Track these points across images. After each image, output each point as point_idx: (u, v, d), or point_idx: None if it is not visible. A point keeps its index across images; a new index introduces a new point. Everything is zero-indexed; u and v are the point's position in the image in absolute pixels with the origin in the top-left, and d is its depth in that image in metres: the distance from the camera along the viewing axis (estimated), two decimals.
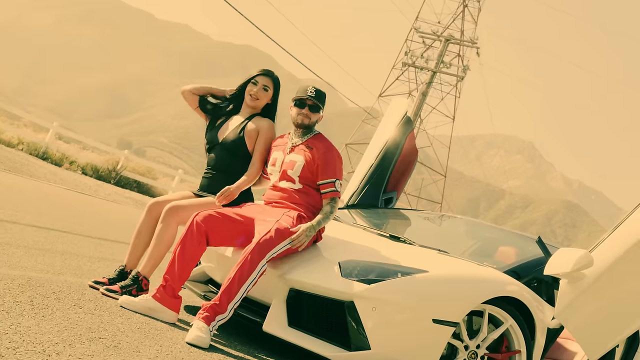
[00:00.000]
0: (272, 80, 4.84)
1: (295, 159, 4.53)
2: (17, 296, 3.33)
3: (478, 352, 4.22)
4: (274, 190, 4.60)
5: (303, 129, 4.60)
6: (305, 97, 4.56)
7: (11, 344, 2.55)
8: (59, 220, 7.46)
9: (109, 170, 22.42)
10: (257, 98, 4.78)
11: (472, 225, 6.37)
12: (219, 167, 4.76)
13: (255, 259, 3.97)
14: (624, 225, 4.38)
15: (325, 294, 4.02)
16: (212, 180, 4.74)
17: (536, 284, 4.76)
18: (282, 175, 4.56)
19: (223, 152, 4.75)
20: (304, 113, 4.55)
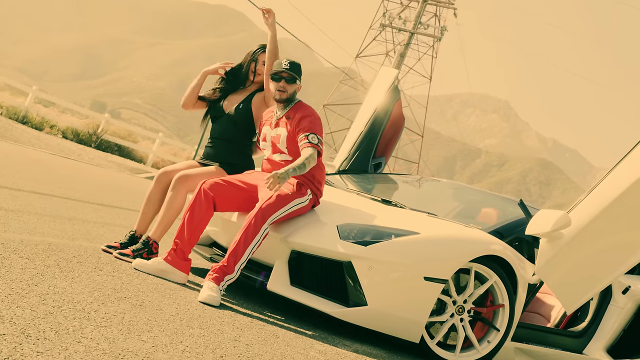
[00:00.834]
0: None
1: (279, 132, 4.80)
2: (45, 260, 3.61)
3: (465, 307, 4.58)
4: (269, 164, 4.88)
5: (283, 102, 4.83)
6: (281, 70, 4.75)
7: (55, 303, 2.84)
8: (56, 186, 7.69)
9: (89, 134, 22.47)
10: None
11: (456, 188, 6.72)
12: (224, 137, 5.02)
13: (259, 223, 4.28)
14: (599, 187, 4.72)
15: (325, 255, 4.35)
16: (216, 149, 5.01)
17: (518, 243, 5.11)
18: (273, 149, 4.85)
19: (229, 123, 5.01)
20: (281, 86, 4.74)
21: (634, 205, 4.68)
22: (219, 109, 5.04)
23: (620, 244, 4.81)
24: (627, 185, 4.59)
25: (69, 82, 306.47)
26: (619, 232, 4.79)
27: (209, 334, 3.24)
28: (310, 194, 4.67)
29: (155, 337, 2.85)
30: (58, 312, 2.72)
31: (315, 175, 4.77)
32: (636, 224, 4.82)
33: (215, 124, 5.09)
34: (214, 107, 5.08)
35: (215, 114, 5.07)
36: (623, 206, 4.63)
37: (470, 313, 4.62)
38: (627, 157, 4.71)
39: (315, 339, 3.94)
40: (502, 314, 4.69)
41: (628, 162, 4.71)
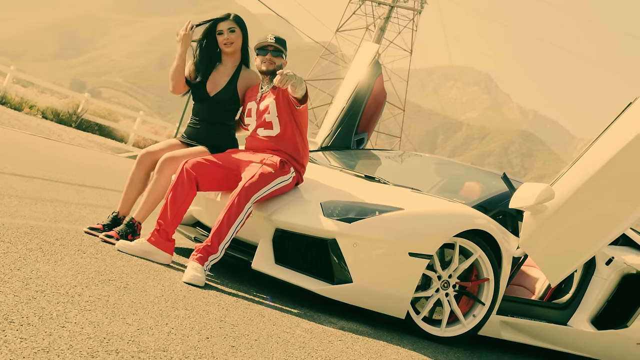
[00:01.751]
0: (233, 21, 4.93)
1: (267, 102, 4.77)
2: (27, 244, 3.57)
3: (450, 281, 4.59)
4: (254, 140, 4.85)
5: (270, 75, 4.80)
6: (267, 44, 4.78)
7: (38, 287, 2.81)
8: (37, 168, 7.62)
9: (69, 113, 22.26)
10: (231, 42, 4.90)
11: (439, 163, 6.72)
12: (208, 119, 4.94)
13: (242, 202, 4.25)
14: (582, 159, 4.73)
15: (309, 232, 4.33)
16: (199, 130, 4.94)
17: (502, 217, 5.12)
18: (259, 124, 4.80)
19: (214, 106, 4.92)
20: (267, 59, 4.77)
21: (616, 177, 4.70)
22: (203, 91, 4.92)
23: (604, 216, 4.84)
24: (609, 157, 4.61)
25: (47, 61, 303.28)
26: (602, 204, 4.81)
27: (195, 315, 3.22)
28: (293, 172, 4.65)
29: (140, 320, 2.83)
30: (41, 296, 2.70)
31: (300, 150, 4.75)
32: (619, 196, 4.84)
33: (199, 105, 4.98)
34: (197, 88, 4.96)
35: (200, 95, 4.95)
36: (606, 178, 4.65)
37: (456, 288, 4.64)
38: (609, 129, 4.72)
39: (301, 317, 3.94)
40: (487, 287, 4.71)
41: (610, 134, 4.72)
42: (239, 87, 4.94)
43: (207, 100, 4.93)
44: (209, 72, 4.94)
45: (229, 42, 4.89)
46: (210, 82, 4.93)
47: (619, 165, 4.61)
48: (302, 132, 4.81)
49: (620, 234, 4.87)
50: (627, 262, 5.64)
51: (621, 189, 4.81)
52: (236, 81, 4.95)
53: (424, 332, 4.50)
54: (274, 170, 4.50)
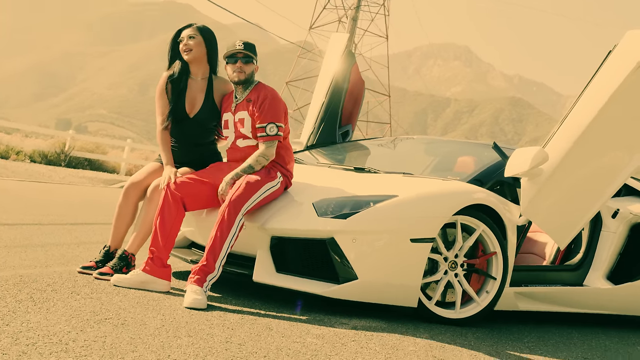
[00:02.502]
0: (195, 28, 4.76)
1: (242, 116, 4.61)
2: (16, 295, 3.44)
3: (457, 261, 4.47)
4: (235, 151, 4.71)
5: (242, 84, 4.64)
6: (236, 51, 4.58)
7: (29, 340, 2.68)
8: (26, 214, 7.49)
9: (57, 153, 22.12)
10: (190, 49, 4.70)
11: (428, 142, 6.58)
12: (190, 141, 4.78)
13: (232, 215, 4.13)
14: (570, 116, 4.61)
15: (306, 235, 4.21)
16: (183, 153, 4.74)
17: (499, 187, 5.00)
18: (237, 135, 4.66)
19: (195, 127, 4.74)
20: (237, 67, 4.57)
21: (608, 128, 4.59)
22: (182, 111, 4.72)
23: (602, 169, 4.73)
24: (597, 109, 4.50)
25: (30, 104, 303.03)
26: (598, 157, 4.70)
27: (199, 340, 3.10)
28: (280, 177, 4.52)
29: (141, 356, 2.70)
30: (32, 350, 2.57)
31: (283, 156, 4.62)
32: (614, 146, 4.73)
33: (178, 126, 4.76)
34: (176, 110, 4.73)
35: (179, 117, 4.73)
36: (597, 130, 4.54)
37: (464, 267, 4.52)
38: (593, 81, 4.61)
39: (310, 324, 3.82)
40: (496, 261, 4.59)
41: (594, 86, 4.61)
42: (216, 100, 4.78)
43: (187, 121, 4.73)
44: (184, 90, 4.75)
45: (187, 48, 4.71)
46: (187, 101, 4.73)
47: (609, 115, 4.50)
48: (284, 137, 4.68)
49: (621, 185, 4.77)
50: (634, 211, 5.53)
51: (615, 139, 4.71)
52: (212, 95, 4.77)
53: (439, 317, 4.38)
54: (260, 178, 4.37)
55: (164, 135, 4.74)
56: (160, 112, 4.74)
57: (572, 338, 4.87)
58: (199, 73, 4.79)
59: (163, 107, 4.75)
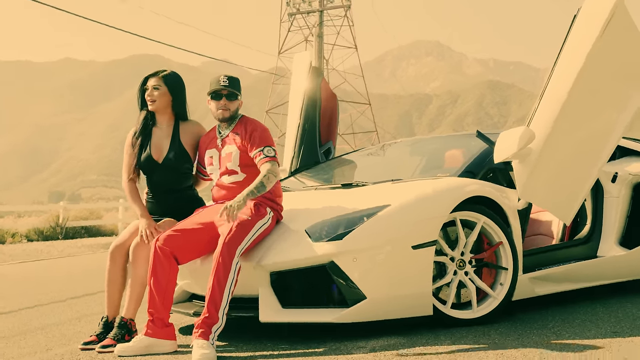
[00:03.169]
0: (160, 78, 4.64)
1: (229, 150, 4.48)
2: None
3: (464, 259, 4.32)
4: (221, 189, 4.56)
5: (227, 121, 4.54)
6: (220, 88, 4.47)
7: None
8: (24, 298, 7.31)
9: (52, 227, 21.94)
10: (153, 100, 4.60)
11: (412, 144, 6.43)
12: (165, 189, 4.64)
13: (227, 260, 3.96)
14: (549, 89, 4.49)
15: (305, 264, 4.04)
16: (159, 203, 4.63)
17: (492, 175, 4.86)
18: (223, 171, 4.52)
19: (167, 173, 4.60)
20: (222, 105, 4.46)
21: (588, 93, 4.46)
22: (150, 160, 4.61)
23: (592, 134, 4.60)
24: (574, 76, 4.38)
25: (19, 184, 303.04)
26: (585, 123, 4.57)
27: None
28: (270, 212, 4.36)
29: None
30: None
31: (271, 190, 4.46)
32: (598, 109, 4.61)
33: (150, 176, 4.65)
34: (144, 160, 4.63)
35: (149, 166, 4.61)
36: (578, 97, 4.41)
37: (472, 263, 4.36)
38: (564, 48, 4.49)
39: (328, 355, 3.65)
40: (504, 251, 4.44)
41: (566, 53, 4.49)
42: (184, 142, 4.65)
43: (158, 167, 4.61)
44: (148, 138, 4.64)
45: (152, 99, 4.60)
46: (153, 148, 4.62)
47: (586, 80, 4.38)
48: None
49: (614, 147, 4.64)
50: (632, 172, 5.40)
51: (598, 102, 4.58)
52: (178, 138, 4.64)
53: (458, 319, 4.22)
54: (251, 217, 4.20)
55: (131, 186, 4.65)
56: (127, 165, 4.66)
57: (597, 313, 4.71)
58: (164, 120, 4.67)
59: (129, 160, 4.66)
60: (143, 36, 24.03)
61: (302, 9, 44.04)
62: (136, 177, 4.70)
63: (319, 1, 42.70)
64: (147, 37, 23.78)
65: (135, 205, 4.57)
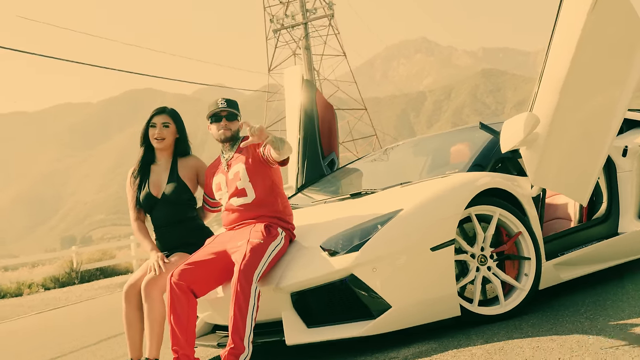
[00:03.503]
0: (168, 115, 4.67)
1: (236, 169, 4.44)
2: None
3: (485, 254, 4.23)
4: (231, 213, 4.49)
5: (229, 142, 4.51)
6: (219, 110, 4.46)
7: None
8: (46, 350, 7.24)
9: (67, 273, 21.90)
10: (162, 138, 4.63)
11: (415, 144, 6.34)
12: (169, 222, 4.61)
13: (245, 287, 3.87)
14: (546, 72, 4.40)
15: (324, 281, 3.96)
16: (167, 237, 4.60)
17: (501, 165, 4.78)
18: (232, 193, 4.45)
19: (167, 206, 4.59)
20: (223, 126, 4.46)
21: (587, 70, 4.37)
22: (150, 197, 4.61)
23: (597, 111, 4.51)
24: (570, 55, 4.29)
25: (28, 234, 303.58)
26: (589, 101, 4.48)
27: None
28: (282, 232, 4.28)
29: None
30: None
31: (281, 210, 4.39)
32: (600, 85, 4.52)
33: (153, 212, 4.65)
34: (144, 198, 4.62)
35: (149, 203, 4.62)
36: (578, 75, 4.32)
37: (494, 257, 4.27)
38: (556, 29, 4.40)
39: None
40: (524, 240, 4.35)
41: (559, 33, 4.40)
42: (182, 175, 4.63)
43: (158, 203, 4.60)
44: (146, 177, 4.65)
45: (161, 137, 4.59)
46: (152, 185, 4.63)
47: (584, 57, 4.29)
48: (279, 189, 4.46)
49: (621, 120, 4.55)
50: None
51: (598, 78, 4.49)
52: (176, 171, 4.64)
53: (487, 316, 4.12)
54: (263, 240, 4.12)
55: (138, 224, 4.70)
56: (131, 204, 4.70)
57: (628, 291, 4.60)
58: (163, 157, 4.69)
59: (132, 199, 4.70)
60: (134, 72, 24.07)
61: (286, 24, 44.10)
62: (143, 215, 4.68)
63: (302, 14, 42.74)
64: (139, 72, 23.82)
65: (144, 242, 4.58)
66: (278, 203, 4.41)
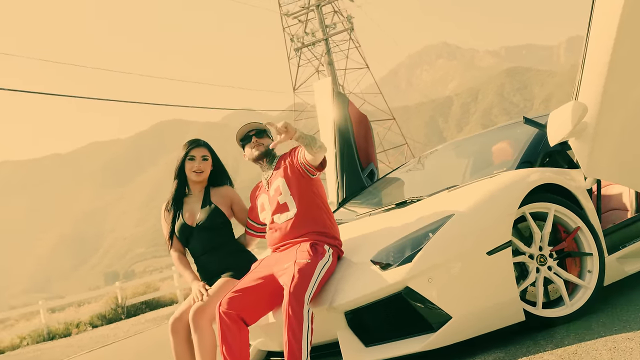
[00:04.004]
0: (205, 147, 4.64)
1: (276, 184, 4.34)
2: None
3: (544, 254, 4.03)
4: (274, 231, 4.35)
5: (265, 158, 4.42)
6: (247, 131, 4.45)
7: None
8: None
9: (113, 309, 21.96)
10: (201, 171, 4.57)
11: (455, 147, 6.14)
12: (206, 249, 4.51)
13: (297, 310, 3.71)
14: (589, 56, 4.20)
15: (379, 296, 3.78)
16: (208, 264, 4.50)
17: (549, 159, 4.58)
18: (274, 210, 4.33)
19: (203, 233, 4.50)
20: (254, 143, 4.42)
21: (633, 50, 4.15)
22: (186, 227, 4.52)
23: None
24: (613, 38, 4.07)
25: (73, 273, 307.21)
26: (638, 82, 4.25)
27: None
28: (329, 250, 4.12)
29: None
30: None
31: (326, 224, 4.24)
32: None
33: (191, 242, 4.56)
34: (180, 229, 4.55)
35: (186, 234, 4.54)
36: (623, 56, 4.10)
37: (553, 256, 4.06)
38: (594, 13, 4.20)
39: None
40: (583, 236, 4.14)
41: (598, 17, 4.20)
42: (215, 201, 4.57)
43: (194, 232, 4.53)
44: (180, 209, 4.60)
45: (199, 170, 4.55)
46: (186, 216, 4.57)
47: (627, 34, 4.07)
48: (323, 201, 4.32)
49: None
50: None
51: None
52: (209, 198, 4.59)
53: (553, 319, 3.91)
54: (310, 260, 3.96)
55: (177, 255, 4.63)
56: (167, 238, 4.66)
57: None
58: (197, 188, 4.67)
59: (167, 234, 4.67)
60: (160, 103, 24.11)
61: (306, 42, 44.14)
62: (181, 246, 4.65)
63: (321, 30, 42.77)
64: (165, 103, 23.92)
65: (185, 273, 4.53)
66: (323, 217, 4.26)
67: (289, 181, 4.28)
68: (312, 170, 4.22)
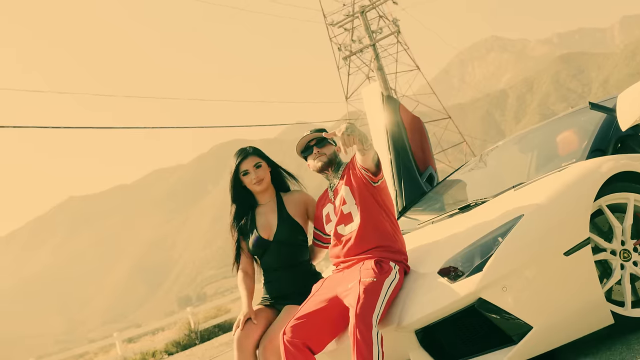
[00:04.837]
0: (254, 154, 4.35)
1: (341, 194, 4.11)
2: None
3: (628, 248, 3.69)
4: (338, 244, 4.11)
5: (330, 167, 4.19)
6: (306, 142, 4.22)
7: None
8: None
9: (187, 335, 22.02)
10: (261, 179, 4.31)
11: (516, 142, 5.77)
12: (283, 266, 4.27)
13: (365, 333, 3.45)
14: None
15: (450, 311, 3.49)
16: (279, 282, 4.27)
17: (621, 145, 4.23)
18: (338, 220, 4.10)
19: (282, 248, 4.25)
20: (316, 154, 4.17)
21: None
22: (261, 240, 4.26)
23: None
24: None
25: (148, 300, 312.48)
26: None
27: None
28: (395, 266, 3.84)
29: None
30: None
31: (391, 236, 3.98)
32: None
33: (265, 257, 4.29)
34: (255, 242, 4.28)
35: (261, 247, 4.27)
36: None
37: (637, 250, 3.72)
38: None
39: None
40: None
41: None
42: (292, 214, 4.30)
43: (270, 246, 4.25)
44: (253, 222, 4.32)
45: (259, 179, 4.28)
46: (261, 229, 4.28)
47: None
48: (389, 211, 4.06)
49: None
50: None
51: None
52: (285, 210, 4.32)
53: None
54: (376, 278, 3.69)
55: (242, 277, 4.33)
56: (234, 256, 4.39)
57: None
58: (265, 197, 4.39)
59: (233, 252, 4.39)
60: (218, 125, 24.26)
61: (354, 49, 43.94)
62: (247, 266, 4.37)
63: (368, 36, 42.52)
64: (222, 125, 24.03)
65: (242, 298, 4.28)
66: (387, 226, 3.99)
67: (353, 190, 4.05)
68: (370, 175, 3.97)
